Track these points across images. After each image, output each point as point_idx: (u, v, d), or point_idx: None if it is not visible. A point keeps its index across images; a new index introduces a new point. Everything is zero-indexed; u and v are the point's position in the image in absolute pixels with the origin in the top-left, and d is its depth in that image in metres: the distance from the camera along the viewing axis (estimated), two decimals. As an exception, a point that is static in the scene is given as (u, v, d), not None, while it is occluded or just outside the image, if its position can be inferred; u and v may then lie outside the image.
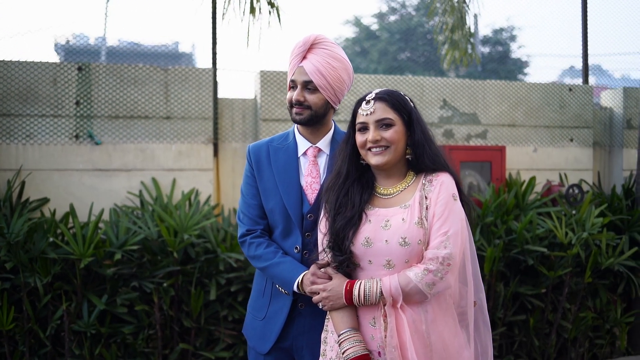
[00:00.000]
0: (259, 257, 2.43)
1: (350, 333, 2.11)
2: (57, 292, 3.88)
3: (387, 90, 2.22)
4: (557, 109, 5.81)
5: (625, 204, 5.32)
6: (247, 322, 2.61)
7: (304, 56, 2.38)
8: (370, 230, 2.13)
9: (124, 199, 4.57)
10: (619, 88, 6.06)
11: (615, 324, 5.13)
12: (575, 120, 5.84)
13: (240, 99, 5.03)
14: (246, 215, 2.52)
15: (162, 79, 4.69)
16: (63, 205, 4.36)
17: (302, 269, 2.33)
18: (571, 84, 5.90)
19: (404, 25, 23.21)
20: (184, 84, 4.73)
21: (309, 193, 2.44)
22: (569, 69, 18.15)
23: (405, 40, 22.24)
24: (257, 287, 2.59)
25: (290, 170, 2.46)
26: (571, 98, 5.83)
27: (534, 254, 4.62)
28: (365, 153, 2.21)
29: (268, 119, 4.90)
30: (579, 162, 5.86)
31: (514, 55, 24.25)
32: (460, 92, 5.50)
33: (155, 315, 4.05)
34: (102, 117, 4.57)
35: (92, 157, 4.54)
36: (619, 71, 28.98)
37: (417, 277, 2.04)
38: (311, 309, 2.42)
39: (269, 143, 2.55)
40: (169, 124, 4.70)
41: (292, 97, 2.42)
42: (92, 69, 4.54)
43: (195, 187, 4.68)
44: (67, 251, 3.83)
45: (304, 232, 2.42)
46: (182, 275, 4.14)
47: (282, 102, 4.94)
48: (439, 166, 2.20)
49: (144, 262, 4.09)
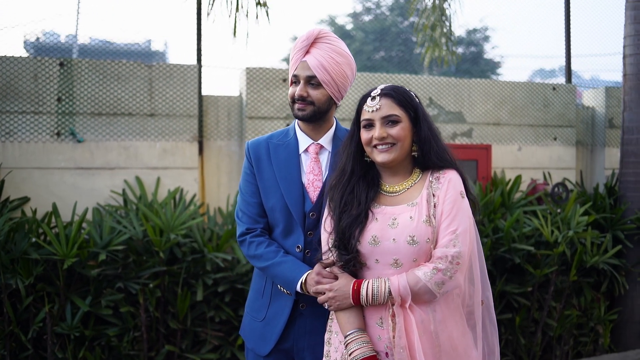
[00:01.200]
0: (259, 257, 2.37)
1: (358, 334, 2.06)
2: (39, 293, 3.77)
3: (392, 86, 2.17)
4: (541, 108, 5.83)
5: (608, 202, 5.36)
6: (245, 323, 2.55)
7: (307, 51, 2.33)
8: (377, 229, 2.08)
9: (107, 198, 4.46)
10: (600, 88, 6.12)
11: (598, 321, 5.16)
12: (559, 119, 5.87)
13: (225, 96, 4.95)
14: (245, 214, 2.46)
15: (145, 76, 4.59)
16: (44, 205, 4.24)
17: (305, 268, 2.27)
18: (555, 83, 5.93)
19: (378, 25, 23.30)
20: (168, 81, 4.63)
21: (310, 191, 2.39)
22: (538, 70, 18.38)
23: (380, 40, 22.33)
24: (256, 287, 2.53)
25: (292, 168, 2.41)
26: (555, 97, 5.86)
27: (520, 253, 4.62)
28: (370, 150, 2.16)
29: (254, 117, 4.83)
30: (562, 161, 5.89)
31: (486, 56, 24.53)
32: (445, 90, 5.49)
33: (140, 317, 3.96)
34: (84, 114, 4.45)
35: (74, 155, 4.42)
36: (589, 72, 29.44)
37: (426, 276, 2.00)
38: (313, 309, 2.37)
39: (268, 140, 2.49)
40: (153, 121, 4.60)
41: (294, 93, 2.35)
42: (74, 65, 4.42)
43: (180, 185, 4.59)
44: (49, 252, 3.72)
45: (306, 231, 2.36)
46: (168, 276, 4.05)
47: (268, 99, 4.87)
48: (446, 163, 2.16)
49: (129, 262, 3.99)
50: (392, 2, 24.84)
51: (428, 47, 6.99)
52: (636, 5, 5.35)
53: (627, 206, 5.28)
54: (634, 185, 5.33)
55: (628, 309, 5.30)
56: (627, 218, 5.24)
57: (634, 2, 5.36)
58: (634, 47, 5.35)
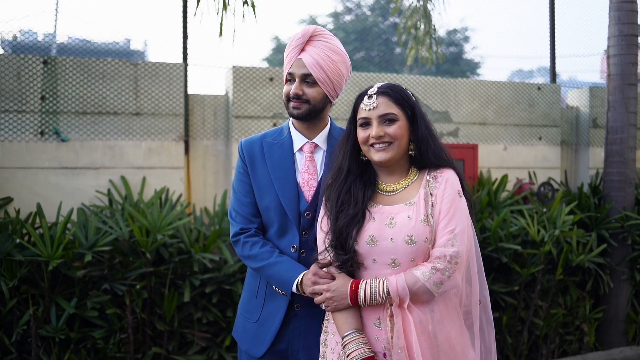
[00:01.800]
0: (254, 257, 2.33)
1: (355, 335, 2.04)
2: (23, 296, 3.70)
3: (389, 85, 2.16)
4: (526, 107, 5.86)
5: (592, 201, 5.40)
6: (239, 324, 2.51)
7: (303, 48, 2.30)
8: (375, 228, 2.06)
9: (92, 198, 4.39)
10: (585, 88, 6.16)
11: (584, 320, 5.20)
12: (544, 119, 5.90)
13: (211, 95, 4.90)
14: (239, 214, 2.42)
15: (131, 74, 4.53)
16: (28, 205, 4.16)
17: (300, 268, 2.25)
18: (540, 83, 5.96)
19: (359, 25, 23.38)
20: (154, 80, 4.58)
21: (305, 190, 2.36)
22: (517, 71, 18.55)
23: (361, 40, 22.38)
24: (250, 288, 2.50)
25: (286, 167, 2.38)
26: (540, 97, 5.89)
27: (507, 252, 4.63)
28: (367, 149, 2.14)
29: (240, 116, 4.79)
30: (548, 161, 5.93)
31: (466, 56, 24.71)
32: (432, 90, 5.49)
33: (127, 319, 3.90)
34: (68, 113, 4.38)
35: (58, 155, 4.35)
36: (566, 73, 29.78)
37: (425, 276, 1.98)
38: (307, 310, 2.34)
39: (262, 138, 2.46)
40: (138, 120, 4.54)
41: (289, 91, 2.32)
42: (58, 63, 4.35)
43: (166, 185, 4.54)
44: (34, 253, 3.65)
45: (301, 231, 2.34)
46: (155, 277, 4.00)
47: (255, 98, 4.83)
48: (443, 162, 2.15)
49: (115, 263, 3.93)
50: (372, 2, 24.92)
51: (412, 46, 7.01)
52: (620, 6, 5.39)
53: (612, 205, 5.32)
54: (618, 184, 5.38)
55: (612, 307, 5.34)
56: (612, 217, 5.28)
57: (617, 3, 5.40)
58: (618, 47, 5.39)
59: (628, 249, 5.31)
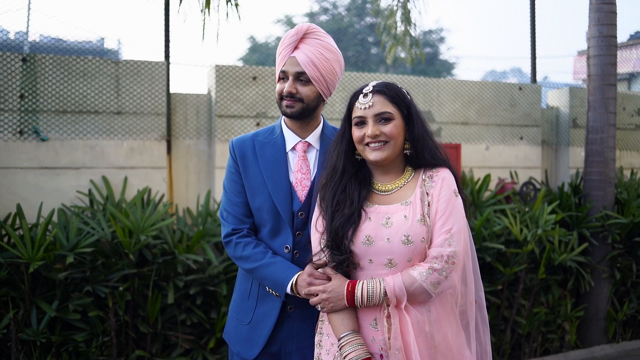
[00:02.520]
0: (246, 258, 2.29)
1: (352, 336, 2.01)
2: (3, 298, 3.61)
3: (384, 83, 2.13)
4: (507, 107, 5.89)
5: (573, 201, 5.45)
6: (230, 327, 2.47)
7: (296, 46, 2.26)
8: (371, 228, 2.04)
9: (73, 198, 4.30)
10: (565, 88, 6.22)
11: (565, 318, 5.24)
12: (525, 119, 5.93)
13: (193, 94, 4.84)
14: (230, 214, 2.38)
15: (112, 72, 4.45)
16: (6, 206, 4.07)
17: (295, 269, 2.21)
18: (521, 83, 6.00)
19: (335, 25, 23.41)
20: (135, 78, 4.50)
21: (299, 190, 2.33)
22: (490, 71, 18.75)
23: (337, 40, 22.39)
24: (241, 289, 2.45)
25: (279, 166, 2.34)
26: (521, 97, 5.92)
27: (491, 251, 4.65)
28: (362, 148, 2.12)
29: (223, 115, 4.74)
30: (529, 160, 5.97)
31: (441, 57, 24.89)
32: (415, 89, 5.49)
33: (109, 321, 3.83)
34: (48, 112, 4.29)
35: (38, 154, 4.25)
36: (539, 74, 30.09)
37: (422, 276, 1.96)
38: (301, 311, 2.31)
39: (253, 137, 2.42)
40: (120, 119, 4.47)
41: (282, 89, 2.28)
42: (38, 61, 4.25)
43: (148, 185, 4.47)
44: (14, 255, 3.56)
45: (295, 231, 2.30)
46: (138, 279, 3.93)
47: (238, 97, 4.78)
48: (439, 161, 2.14)
49: (97, 265, 3.86)
50: (348, 3, 24.99)
51: (392, 45, 7.02)
52: (600, 7, 5.45)
53: (593, 205, 5.37)
54: (599, 184, 5.43)
55: (593, 305, 5.40)
56: (592, 216, 5.33)
57: (597, 4, 5.46)
58: (598, 48, 5.45)
59: (608, 247, 5.37)
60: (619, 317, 5.44)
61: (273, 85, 4.86)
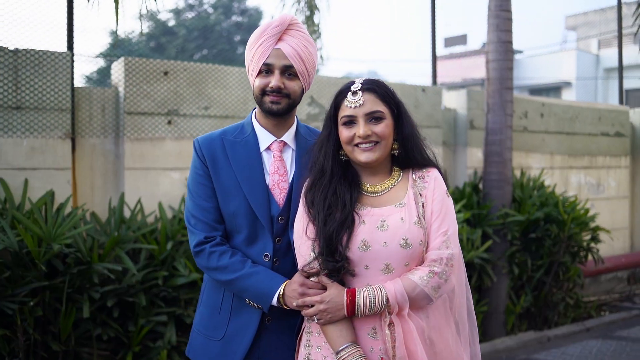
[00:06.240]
0: (223, 269, 2.10)
1: (352, 349, 1.90)
2: None
3: (373, 80, 2.05)
4: (412, 109, 5.97)
5: (474, 200, 5.66)
6: (197, 344, 2.26)
7: (280, 38, 2.11)
8: (366, 232, 1.93)
9: (-34, 203, 3.82)
10: (462, 90, 6.44)
11: (470, 313, 5.42)
12: (427, 120, 6.07)
13: (99, 89, 4.46)
14: (200, 221, 2.16)
15: (10, 63, 3.99)
16: None
17: (280, 279, 2.05)
18: (423, 85, 6.13)
19: (201, 23, 23.07)
20: (36, 70, 4.07)
21: (276, 193, 2.17)
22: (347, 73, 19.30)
23: (203, 38, 22.06)
24: (210, 302, 2.25)
25: (254, 167, 2.17)
26: (424, 98, 6.05)
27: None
28: (351, 149, 2.01)
29: (133, 112, 4.41)
30: (430, 161, 6.10)
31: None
32: (327, 89, 5.44)
33: (17, 341, 3.43)
34: None
35: None
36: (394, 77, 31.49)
37: (423, 280, 1.89)
38: (279, 323, 2.17)
39: (222, 136, 2.22)
40: (19, 115, 4.02)
41: (266, 84, 2.10)
42: None
43: (52, 188, 4.06)
44: None
45: (275, 237, 2.14)
46: (50, 292, 3.56)
47: (148, 93, 4.47)
48: (428, 161, 2.09)
49: (2, 278, 3.44)
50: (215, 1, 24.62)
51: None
52: (498, 14, 5.69)
53: (493, 203, 5.61)
54: (497, 183, 5.68)
55: (494, 300, 5.64)
56: (493, 214, 5.56)
57: (496, 11, 5.70)
58: (497, 53, 5.69)
59: (507, 244, 5.63)
60: (517, 310, 5.72)
61: (185, 80, 4.60)
